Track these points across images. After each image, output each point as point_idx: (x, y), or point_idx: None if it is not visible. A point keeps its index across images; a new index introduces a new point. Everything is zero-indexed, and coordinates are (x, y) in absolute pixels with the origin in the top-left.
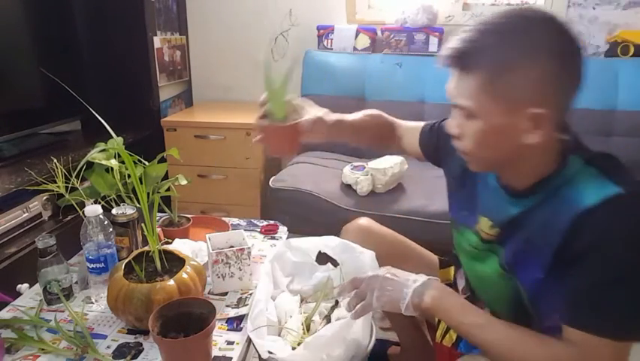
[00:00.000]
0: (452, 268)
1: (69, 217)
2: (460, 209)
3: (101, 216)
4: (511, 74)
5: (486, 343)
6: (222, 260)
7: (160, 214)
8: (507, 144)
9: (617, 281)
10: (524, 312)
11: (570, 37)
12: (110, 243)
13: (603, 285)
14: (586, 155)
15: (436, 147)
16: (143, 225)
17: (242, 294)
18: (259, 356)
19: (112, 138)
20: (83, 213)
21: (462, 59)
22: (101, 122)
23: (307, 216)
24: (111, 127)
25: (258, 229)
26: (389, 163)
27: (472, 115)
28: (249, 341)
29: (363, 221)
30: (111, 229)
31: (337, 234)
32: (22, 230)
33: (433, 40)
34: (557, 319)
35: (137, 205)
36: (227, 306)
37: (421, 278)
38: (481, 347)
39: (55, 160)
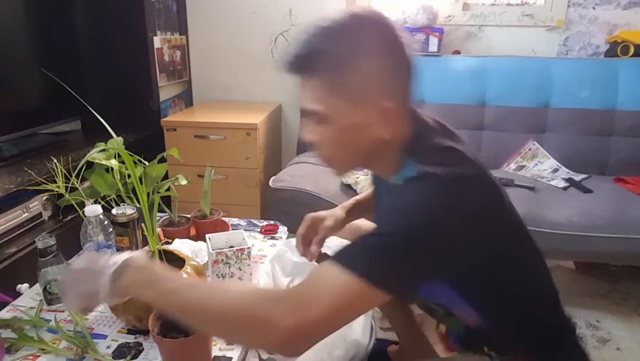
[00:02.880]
0: None
1: (69, 217)
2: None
3: (101, 216)
4: (350, 71)
5: (188, 305)
6: (222, 260)
7: (160, 214)
8: (362, 141)
9: (384, 234)
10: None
11: (397, 34)
12: (110, 243)
13: (372, 235)
14: (418, 156)
15: None
16: (143, 225)
17: None
18: (259, 356)
19: (112, 137)
20: (83, 213)
21: (302, 64)
22: (101, 122)
23: None
24: (111, 127)
25: (258, 229)
26: None
27: (323, 119)
28: None
29: (360, 221)
30: (111, 229)
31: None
32: (22, 230)
33: (433, 40)
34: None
35: (137, 205)
36: None
37: (121, 258)
38: (184, 312)
39: (55, 160)
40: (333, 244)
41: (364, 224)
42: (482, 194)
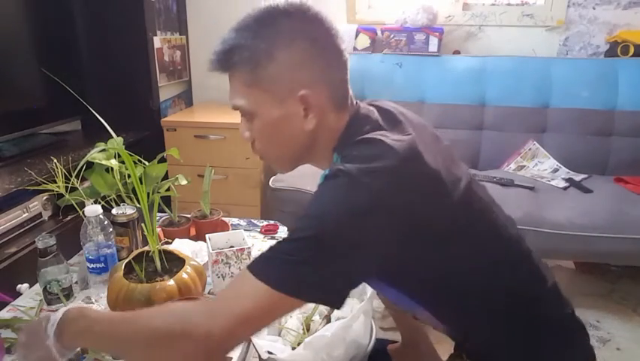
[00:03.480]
0: None
1: (69, 217)
2: None
3: (101, 216)
4: (270, 63)
5: (118, 339)
6: (222, 260)
7: (160, 214)
8: (290, 135)
9: (295, 239)
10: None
11: (321, 22)
12: (110, 243)
13: (284, 241)
14: (342, 152)
15: None
16: (143, 225)
17: None
18: (259, 356)
19: (112, 137)
20: (83, 213)
21: (221, 61)
22: (101, 122)
23: None
24: (111, 127)
25: (258, 229)
26: None
27: (251, 114)
28: (249, 341)
29: None
30: (111, 229)
31: None
32: (22, 230)
33: (433, 40)
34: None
35: (137, 205)
36: None
37: (58, 315)
38: (119, 348)
39: (55, 160)
40: None
41: None
42: (401, 187)
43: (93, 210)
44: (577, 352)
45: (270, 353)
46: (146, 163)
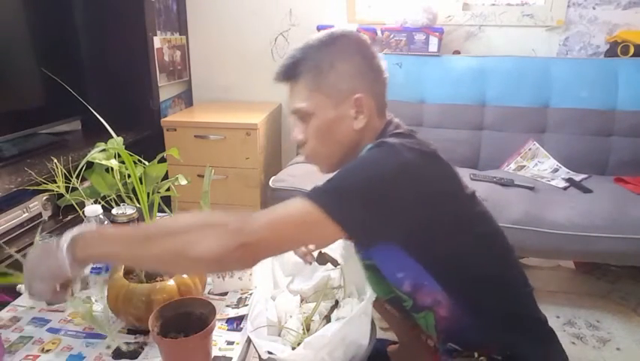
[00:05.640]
0: None
1: (69, 217)
2: None
3: (101, 216)
4: (331, 71)
5: (155, 255)
6: None
7: (160, 214)
8: (341, 134)
9: (348, 178)
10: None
11: (368, 46)
12: None
13: (337, 179)
14: (381, 138)
15: None
16: None
17: (242, 294)
18: (259, 356)
19: (112, 137)
20: (83, 213)
21: (290, 71)
22: (101, 122)
23: None
24: (111, 127)
25: None
26: None
27: (308, 115)
28: (249, 341)
29: None
30: None
31: None
32: (22, 230)
33: (433, 40)
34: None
35: (137, 205)
36: (227, 306)
37: (72, 231)
38: (152, 262)
39: (55, 160)
40: (334, 243)
41: None
42: (435, 167)
43: (93, 210)
44: (556, 348)
45: (270, 353)
46: (146, 163)
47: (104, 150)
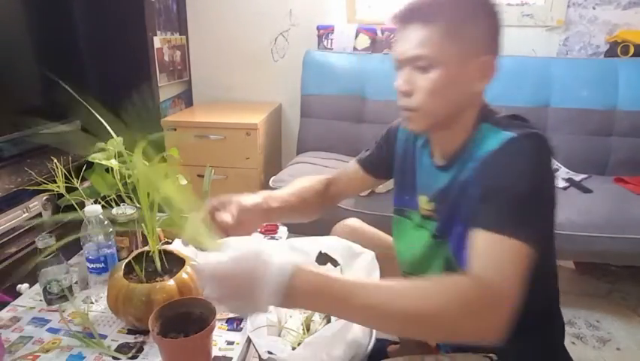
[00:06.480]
0: None
1: (69, 217)
2: (403, 195)
3: (101, 216)
4: (473, 24)
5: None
6: None
7: (160, 214)
8: (460, 91)
9: (519, 189)
10: None
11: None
12: (110, 243)
13: (505, 190)
14: (493, 121)
15: (389, 151)
16: (143, 225)
17: None
18: (259, 356)
19: (112, 137)
20: (83, 213)
21: (424, 11)
22: (101, 122)
23: None
24: (111, 127)
25: (258, 229)
26: None
27: (431, 65)
28: (249, 341)
29: (351, 221)
30: (111, 229)
31: None
32: (22, 230)
33: None
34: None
35: (137, 205)
36: None
37: (286, 264)
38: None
39: (55, 160)
40: (334, 244)
41: (367, 228)
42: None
43: (93, 210)
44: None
45: (270, 353)
46: (146, 163)
47: (104, 149)
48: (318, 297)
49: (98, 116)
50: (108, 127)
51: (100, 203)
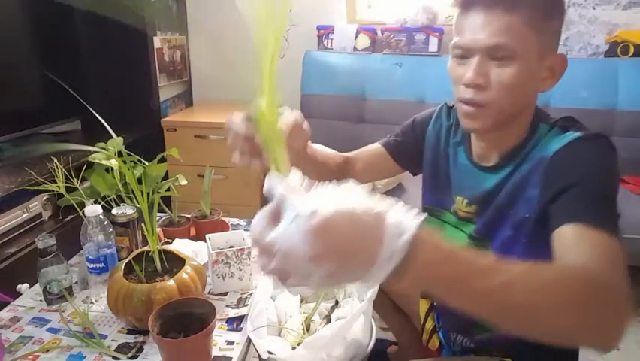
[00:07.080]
0: None
1: (69, 217)
2: (434, 194)
3: (101, 216)
4: (559, 18)
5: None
6: (222, 260)
7: (160, 214)
8: (530, 89)
9: (603, 184)
10: None
11: None
12: (110, 243)
13: (590, 185)
14: (551, 121)
15: (415, 142)
16: (143, 225)
17: (242, 294)
18: (259, 356)
19: (112, 137)
20: (83, 213)
21: None
22: (101, 122)
23: None
24: (111, 127)
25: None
26: None
27: (510, 56)
28: (249, 341)
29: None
30: (111, 229)
31: None
32: (22, 230)
33: (433, 40)
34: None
35: (137, 205)
36: (227, 306)
37: (409, 219)
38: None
39: (55, 160)
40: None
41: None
42: None
43: (93, 210)
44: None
45: (270, 353)
46: (146, 163)
47: (104, 149)
48: (439, 269)
49: (98, 116)
50: (108, 127)
51: (100, 203)
